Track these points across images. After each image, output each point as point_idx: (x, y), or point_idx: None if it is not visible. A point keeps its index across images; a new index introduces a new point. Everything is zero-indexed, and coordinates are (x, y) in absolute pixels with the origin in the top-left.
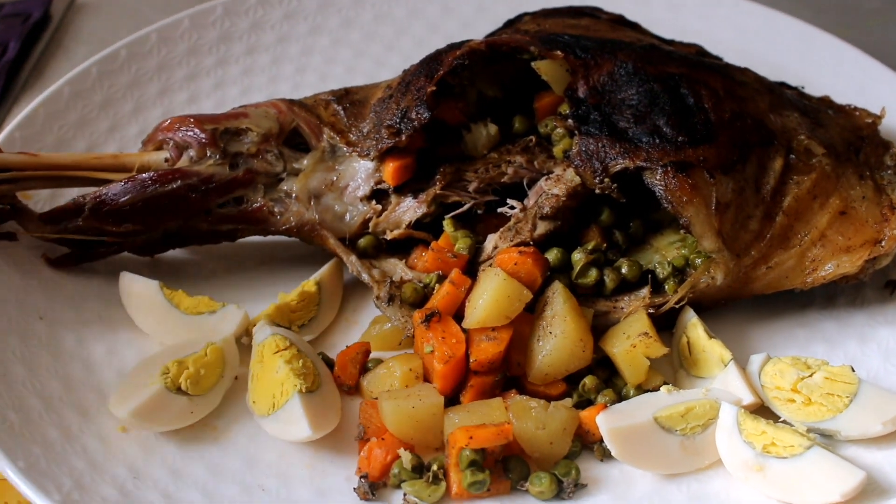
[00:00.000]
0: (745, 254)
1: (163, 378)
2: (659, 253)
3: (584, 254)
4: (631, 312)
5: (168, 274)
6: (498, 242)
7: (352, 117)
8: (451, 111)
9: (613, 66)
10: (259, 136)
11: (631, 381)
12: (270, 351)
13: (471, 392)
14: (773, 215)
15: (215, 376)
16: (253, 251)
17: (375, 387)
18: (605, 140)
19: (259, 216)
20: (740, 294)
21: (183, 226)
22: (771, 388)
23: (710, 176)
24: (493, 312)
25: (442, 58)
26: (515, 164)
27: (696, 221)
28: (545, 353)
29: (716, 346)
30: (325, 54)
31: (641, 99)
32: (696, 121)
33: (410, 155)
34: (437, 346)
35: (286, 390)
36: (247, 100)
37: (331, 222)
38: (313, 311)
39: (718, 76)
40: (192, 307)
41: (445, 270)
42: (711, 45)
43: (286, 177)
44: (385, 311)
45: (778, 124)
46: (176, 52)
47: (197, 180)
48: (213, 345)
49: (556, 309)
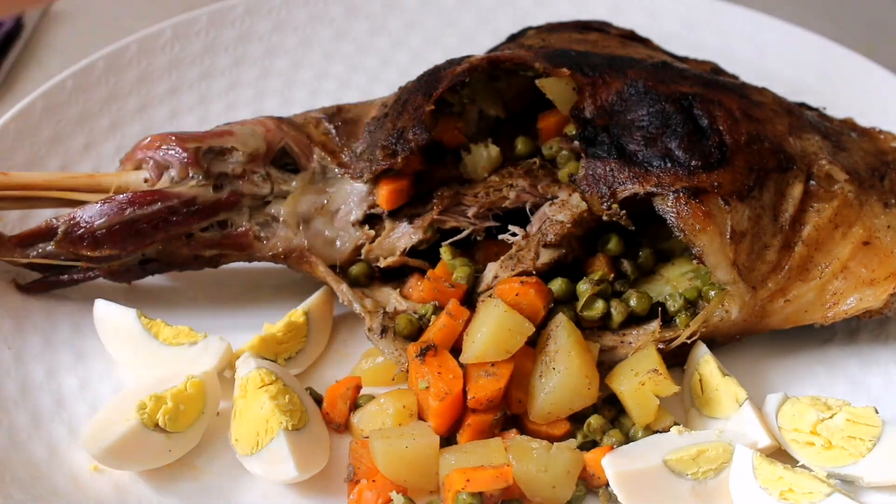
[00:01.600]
0: (762, 286)
1: (139, 414)
2: (670, 284)
3: (591, 284)
4: (640, 348)
5: (146, 302)
6: (498, 271)
7: (344, 137)
8: (450, 131)
9: (623, 84)
10: (245, 155)
11: (639, 421)
12: (255, 385)
13: (468, 431)
14: (792, 245)
15: (196, 412)
16: (237, 278)
17: (366, 425)
18: (614, 163)
19: (244, 241)
20: (756, 329)
21: (163, 251)
22: (789, 430)
23: (724, 203)
24: (492, 346)
25: (441, 74)
26: (518, 187)
27: (710, 251)
28: (548, 391)
29: (730, 385)
30: (317, 68)
31: (652, 120)
32: (711, 144)
33: (406, 178)
34: (432, 381)
35: (271, 428)
36: (232, 116)
37: (320, 248)
38: (301, 343)
39: (734, 96)
40: (171, 338)
41: (442, 301)
42: (727, 63)
43: (273, 199)
44: (377, 343)
45: (797, 148)
46: (157, 65)
47: (178, 202)
48: (194, 378)
49: (559, 343)
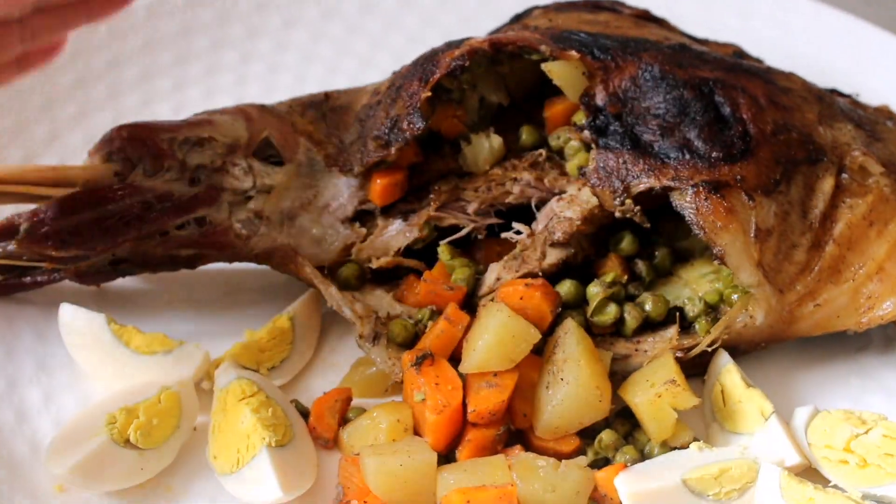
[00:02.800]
0: (790, 289)
1: (108, 428)
2: (689, 287)
3: (602, 287)
4: (656, 356)
5: (116, 306)
6: (501, 273)
7: (333, 126)
8: (449, 120)
9: (637, 69)
10: (224, 146)
11: (655, 436)
12: (235, 398)
13: (468, 448)
14: (823, 244)
15: (170, 427)
16: (216, 280)
17: (357, 440)
18: (627, 155)
19: (223, 240)
20: (784, 336)
21: (134, 250)
22: (819, 447)
23: (748, 198)
24: (495, 355)
25: (438, 58)
26: (522, 181)
27: (733, 251)
28: (555, 403)
29: (755, 397)
30: (303, 52)
31: (669, 108)
32: (733, 133)
33: (400, 171)
34: (429, 393)
35: (253, 444)
36: (210, 104)
37: (307, 248)
38: (286, 352)
39: (759, 81)
40: (143, 345)
41: (440, 305)
42: (751, 45)
43: (256, 194)
44: (369, 351)
45: (828, 138)
46: (128, 47)
47: (151, 197)
48: (169, 390)
49: (568, 351)
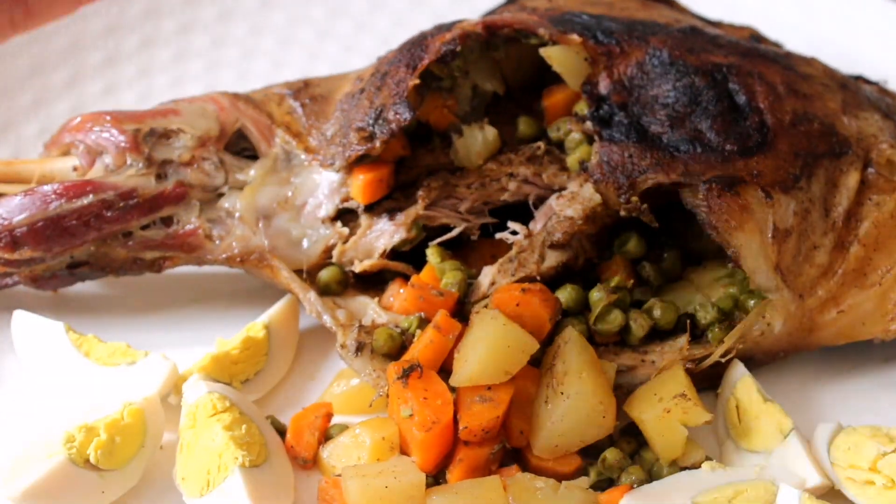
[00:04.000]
0: (811, 294)
1: (66, 448)
2: (700, 292)
3: (606, 293)
4: (664, 368)
5: (75, 313)
6: (496, 277)
7: (312, 117)
8: (439, 110)
9: (644, 54)
10: (194, 139)
11: (664, 455)
12: (205, 414)
13: (460, 468)
14: (847, 245)
15: (134, 446)
16: (184, 286)
17: (339, 460)
18: (633, 148)
19: (193, 241)
20: (804, 345)
21: (95, 252)
22: (844, 467)
23: (765, 195)
24: (488, 367)
25: (427, 42)
26: (519, 177)
27: (748, 252)
28: (555, 420)
29: (773, 412)
30: (280, 35)
31: (679, 96)
32: (749, 124)
33: (386, 165)
34: (417, 408)
35: (225, 464)
36: (179, 93)
37: (284, 250)
38: (260, 363)
39: (777, 68)
40: (105, 356)
41: (429, 312)
42: (769, 28)
43: (228, 191)
44: (352, 363)
45: (853, 129)
46: (90, 31)
47: (114, 195)
48: (132, 405)
49: (568, 363)
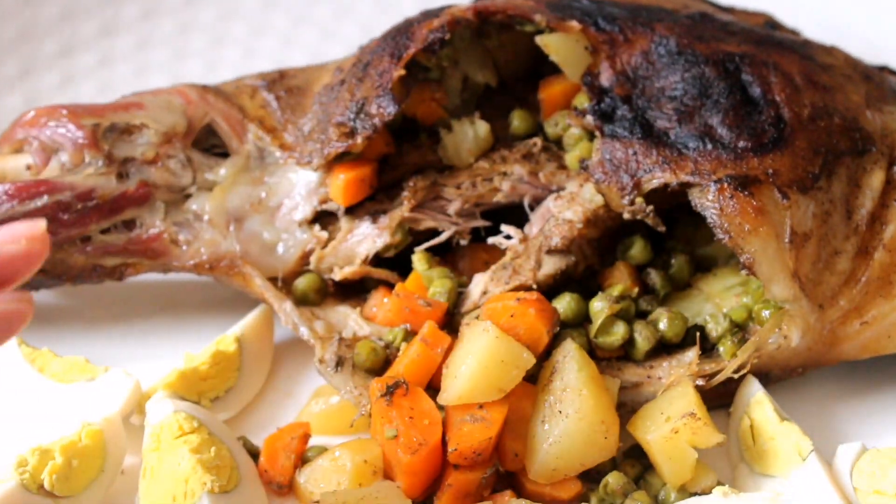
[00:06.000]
0: (832, 304)
1: (18, 472)
2: (711, 302)
3: (608, 302)
4: (672, 384)
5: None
6: (488, 286)
7: (288, 111)
8: (426, 104)
9: (649, 42)
10: (158, 135)
11: (672, 480)
12: (171, 435)
13: (449, 494)
14: (871, 251)
15: (93, 470)
16: (148, 295)
17: (317, 485)
18: (638, 145)
19: (157, 246)
20: (824, 360)
21: (51, 259)
22: (867, 493)
23: (782, 196)
24: (480, 383)
25: (413, 30)
26: (513, 176)
27: (763, 258)
28: (553, 441)
29: (790, 433)
30: (252, 22)
31: (688, 88)
32: (764, 119)
33: (369, 164)
34: (402, 429)
35: (192, 490)
36: (142, 84)
37: (257, 255)
38: (231, 380)
39: (795, 57)
40: (61, 372)
41: (415, 324)
42: (786, 15)
43: (196, 192)
44: (331, 379)
45: (877, 124)
46: (44, 16)
47: (71, 196)
48: (91, 426)
49: (567, 379)
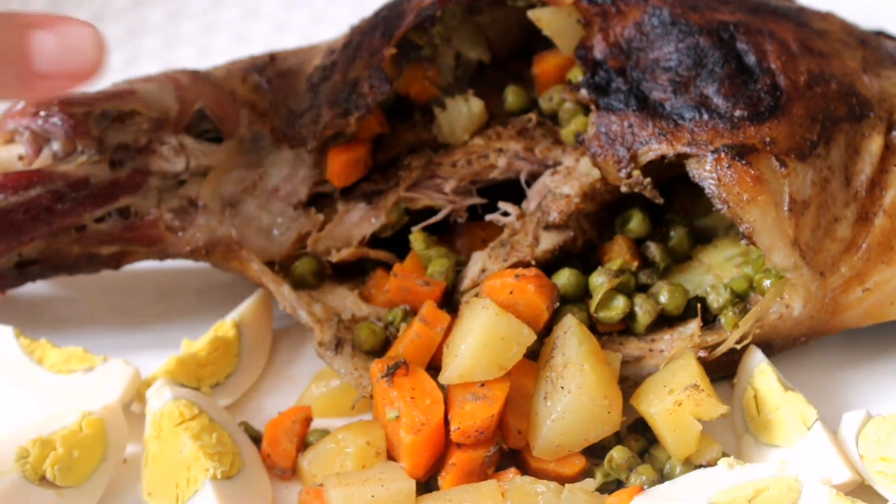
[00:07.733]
0: (833, 271)
1: (19, 464)
2: (711, 273)
3: (608, 277)
4: (674, 357)
5: (26, 317)
6: (487, 263)
7: (280, 94)
8: (419, 82)
9: (643, 13)
10: (150, 121)
11: (676, 452)
12: (172, 422)
13: (453, 473)
14: (871, 217)
15: (94, 460)
16: (145, 283)
17: (320, 469)
18: (633, 117)
19: (153, 233)
20: (827, 328)
21: (46, 249)
22: (874, 460)
23: (780, 164)
24: (481, 361)
25: (403, 8)
26: (509, 152)
27: (763, 228)
28: (555, 417)
29: (795, 402)
30: (243, 6)
31: (682, 59)
32: (760, 87)
33: (363, 144)
34: (404, 409)
35: (194, 477)
36: (133, 71)
37: (253, 240)
38: (231, 365)
39: (790, 24)
40: (60, 363)
41: (414, 304)
42: None
43: (189, 178)
44: (331, 362)
45: (874, 89)
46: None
47: (64, 185)
48: (91, 415)
49: (569, 354)
